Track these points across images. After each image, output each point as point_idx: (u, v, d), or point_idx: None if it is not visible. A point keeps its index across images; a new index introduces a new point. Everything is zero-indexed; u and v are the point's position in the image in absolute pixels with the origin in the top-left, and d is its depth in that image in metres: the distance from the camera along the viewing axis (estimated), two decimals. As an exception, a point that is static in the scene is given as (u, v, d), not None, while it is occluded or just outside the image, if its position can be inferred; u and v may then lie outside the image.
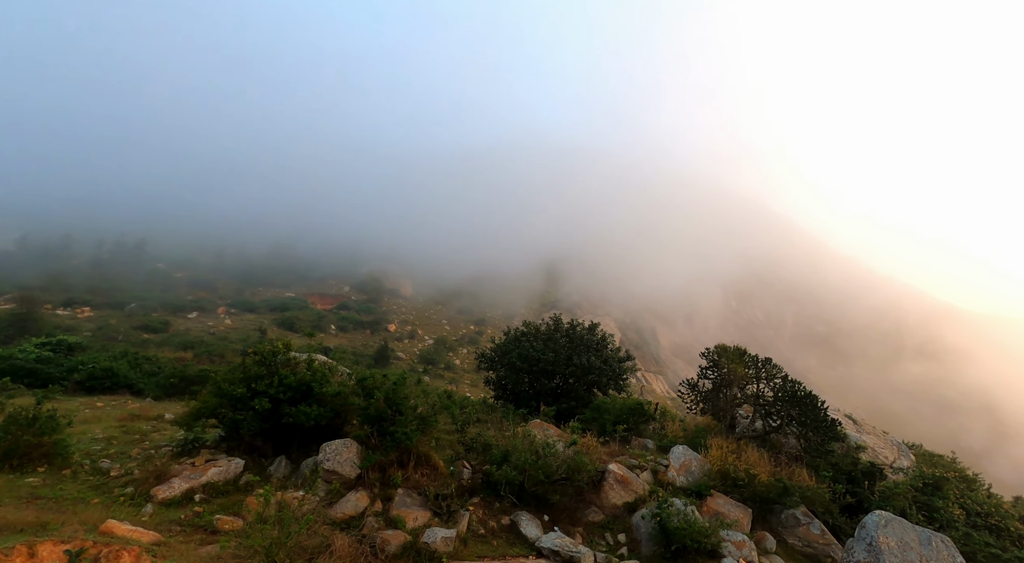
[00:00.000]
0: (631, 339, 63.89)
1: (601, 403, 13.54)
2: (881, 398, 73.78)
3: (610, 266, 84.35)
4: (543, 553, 7.80)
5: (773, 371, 12.45)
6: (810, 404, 11.51)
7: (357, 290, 69.08)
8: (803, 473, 10.76)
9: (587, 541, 8.79)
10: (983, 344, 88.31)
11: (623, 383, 15.87)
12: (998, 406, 73.12)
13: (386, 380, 9.53)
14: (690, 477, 10.62)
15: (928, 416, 69.27)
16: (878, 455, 12.75)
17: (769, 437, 12.03)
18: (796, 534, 9.79)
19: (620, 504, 9.66)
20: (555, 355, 15.07)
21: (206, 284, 61.43)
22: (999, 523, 10.30)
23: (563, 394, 15.13)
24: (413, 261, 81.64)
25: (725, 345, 13.19)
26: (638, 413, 13.13)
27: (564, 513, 9.39)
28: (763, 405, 12.21)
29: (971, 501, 10.81)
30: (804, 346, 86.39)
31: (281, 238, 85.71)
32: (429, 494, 8.21)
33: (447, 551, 7.01)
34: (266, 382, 8.87)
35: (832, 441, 11.55)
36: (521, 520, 8.50)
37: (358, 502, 7.65)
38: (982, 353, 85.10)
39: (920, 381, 78.94)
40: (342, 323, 51.87)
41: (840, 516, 10.04)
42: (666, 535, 8.27)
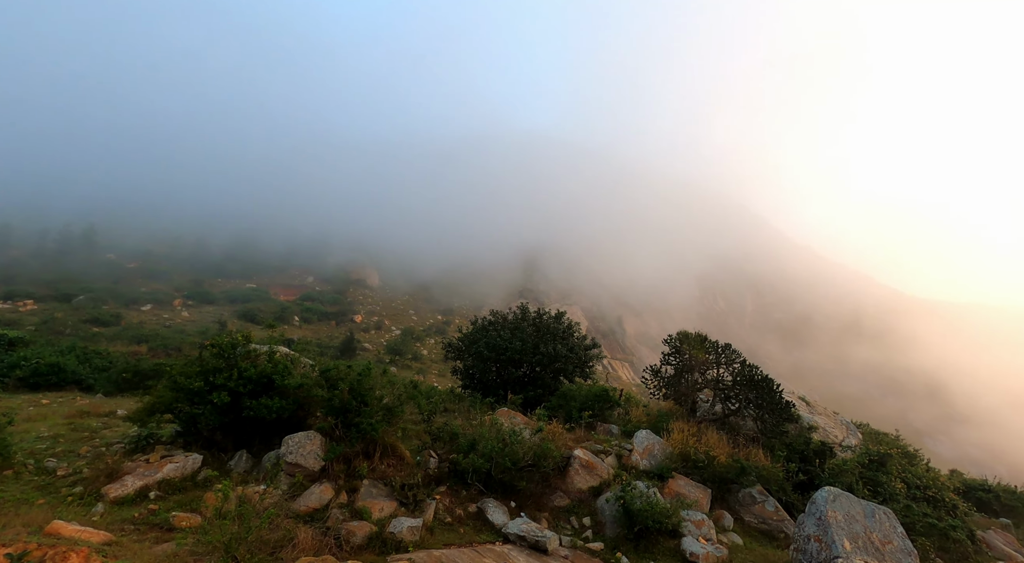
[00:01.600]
0: (598, 328, 64.84)
1: (567, 390, 13.72)
2: (834, 381, 77.33)
3: (584, 258, 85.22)
4: (510, 538, 7.90)
5: (732, 356, 12.87)
6: (766, 387, 11.97)
7: (322, 281, 67.64)
8: (759, 453, 11.21)
9: (553, 525, 8.95)
10: (928, 329, 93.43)
11: (589, 370, 16.10)
12: (941, 387, 77.69)
13: (351, 371, 9.40)
14: (653, 460, 10.91)
15: (876, 397, 73.05)
16: (829, 434, 13.39)
17: (728, 420, 12.46)
18: (752, 512, 10.20)
19: (585, 488, 9.86)
20: (522, 344, 15.15)
21: (161, 275, 58.94)
22: (936, 495, 11.02)
23: (530, 382, 15.25)
24: (382, 252, 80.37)
25: (687, 332, 13.54)
26: (603, 399, 13.38)
27: (531, 499, 9.51)
28: (722, 389, 12.62)
29: (911, 475, 11.51)
30: (763, 333, 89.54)
31: (242, 228, 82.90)
32: (395, 484, 8.18)
33: (413, 540, 7.02)
34: (225, 375, 8.62)
35: (786, 422, 12.05)
36: (488, 507, 8.57)
37: (322, 494, 7.56)
38: (927, 338, 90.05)
39: (869, 364, 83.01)
40: (306, 314, 50.76)
41: (793, 493, 10.51)
42: (629, 517, 8.48)
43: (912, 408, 72.88)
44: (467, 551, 7.13)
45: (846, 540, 7.41)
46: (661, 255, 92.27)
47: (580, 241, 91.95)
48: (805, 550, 7.69)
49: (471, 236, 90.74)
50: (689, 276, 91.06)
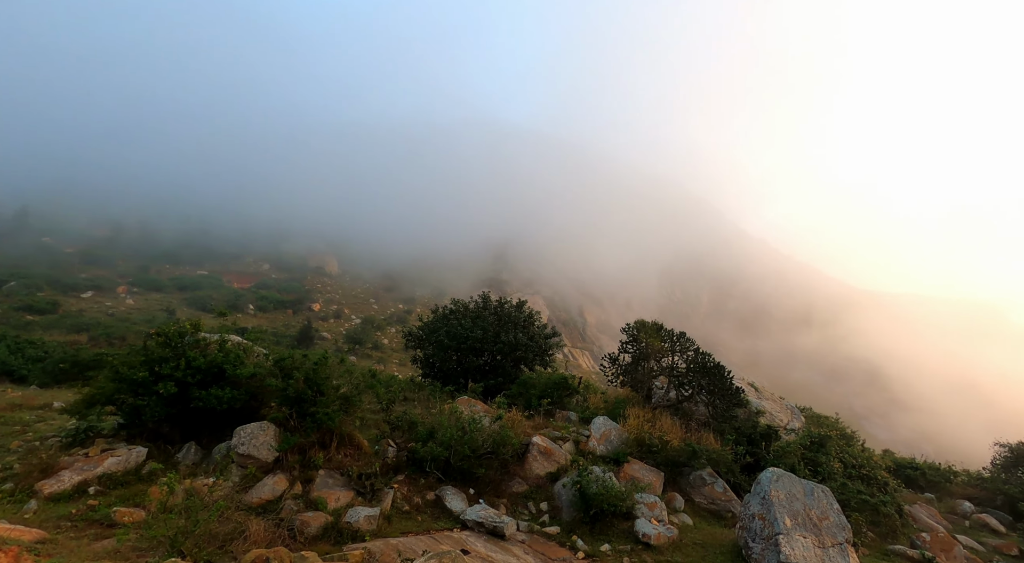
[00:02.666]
0: (559, 317, 65.57)
1: (527, 378, 13.86)
2: (783, 368, 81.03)
3: (550, 249, 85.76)
4: (468, 525, 7.97)
5: (687, 344, 13.27)
6: (718, 374, 12.42)
7: (279, 269, 65.59)
8: (710, 437, 11.65)
9: (511, 511, 9.07)
10: (870, 319, 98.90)
11: (549, 359, 16.29)
12: (879, 374, 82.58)
13: (306, 360, 9.21)
14: (609, 446, 11.18)
15: (820, 383, 77.05)
16: (775, 418, 14.05)
17: (681, 405, 12.88)
18: (702, 493, 10.63)
19: (543, 474, 10.02)
20: (483, 332, 15.17)
21: (103, 261, 55.73)
22: (869, 473, 11.76)
23: (491, 371, 15.31)
24: (345, 240, 78.51)
25: (644, 321, 13.86)
26: (562, 387, 13.58)
27: (489, 486, 9.61)
28: (677, 376, 13.02)
29: (848, 456, 12.24)
30: (719, 323, 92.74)
31: (194, 213, 79.04)
32: (352, 474, 8.10)
33: (370, 529, 6.98)
34: (172, 365, 8.28)
35: (736, 407, 12.56)
36: (446, 495, 8.60)
37: (276, 486, 7.40)
38: (868, 327, 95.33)
39: (816, 353, 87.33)
40: (261, 303, 49.20)
41: (741, 474, 10.99)
42: (585, 501, 8.68)
43: (853, 393, 77.28)
44: (424, 538, 7.15)
45: (787, 517, 7.83)
46: (626, 247, 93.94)
47: (548, 232, 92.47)
48: (750, 528, 8.09)
49: (440, 226, 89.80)
50: (652, 268, 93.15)
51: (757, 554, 7.67)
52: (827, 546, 7.72)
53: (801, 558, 7.30)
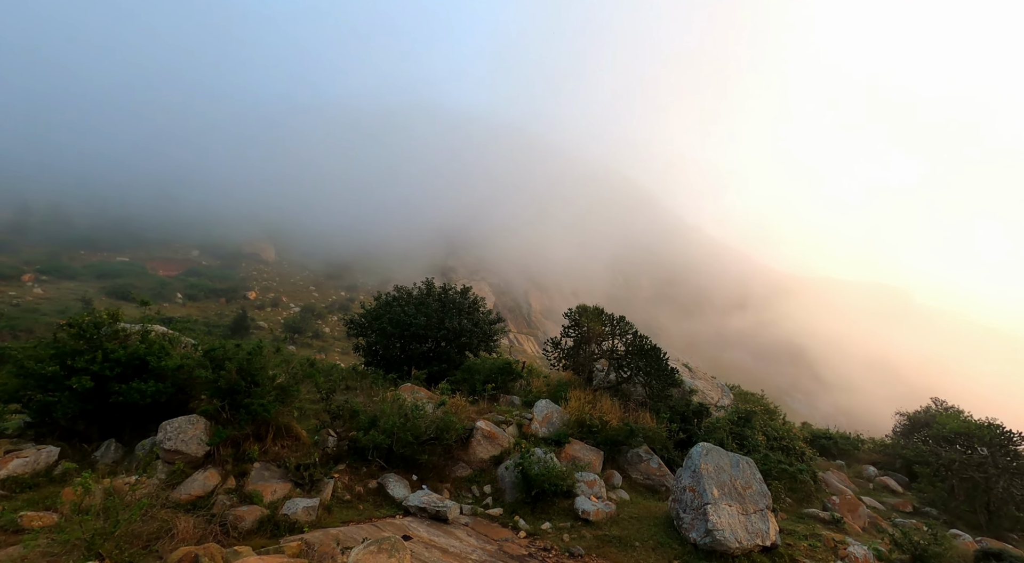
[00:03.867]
0: (505, 303, 66.00)
1: (472, 364, 13.91)
2: (717, 349, 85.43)
3: (500, 237, 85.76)
4: (410, 511, 7.97)
5: (626, 328, 13.74)
6: (655, 356, 12.96)
7: (209, 255, 61.99)
8: (647, 416, 12.19)
9: (454, 495, 9.16)
10: (795, 302, 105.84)
11: (494, 344, 16.41)
12: (802, 353, 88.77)
13: (239, 350, 8.81)
14: (551, 427, 11.47)
15: (749, 362, 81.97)
16: (706, 396, 14.87)
17: (621, 387, 13.36)
18: (639, 469, 11.13)
19: (487, 458, 10.16)
20: (427, 319, 15.06)
21: (6, 246, 50.66)
22: (789, 444, 12.73)
23: (435, 357, 15.25)
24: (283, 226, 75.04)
25: (586, 305, 14.21)
26: (507, 372, 13.74)
27: (433, 471, 9.64)
28: (616, 359, 13.47)
29: (771, 429, 13.18)
30: (659, 307, 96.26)
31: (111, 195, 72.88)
32: (290, 465, 7.88)
33: (309, 520, 6.85)
34: (87, 357, 7.71)
35: (671, 387, 13.18)
36: (389, 482, 8.56)
37: (207, 481, 7.10)
38: (793, 310, 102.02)
39: (746, 334, 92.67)
40: (191, 291, 46.42)
41: (674, 450, 11.59)
42: (527, 482, 8.89)
43: (779, 372, 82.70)
44: (366, 526, 7.10)
45: (715, 488, 8.35)
46: (576, 236, 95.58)
47: (498, 221, 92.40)
48: (681, 500, 8.57)
49: (389, 214, 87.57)
50: (600, 258, 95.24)
51: (687, 524, 8.15)
52: (750, 513, 8.30)
53: (726, 525, 7.82)
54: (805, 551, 8.61)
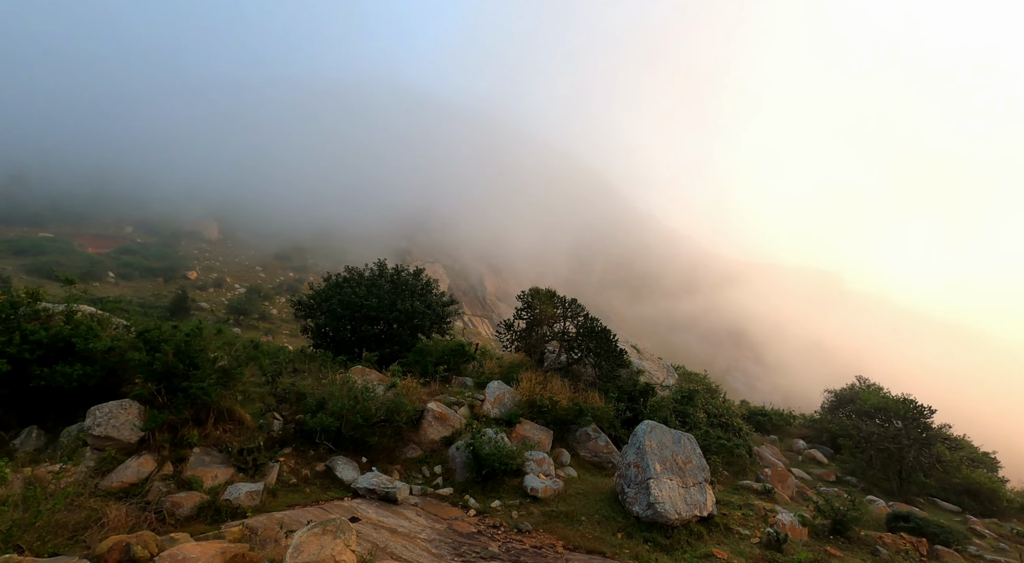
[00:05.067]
0: (459, 285, 65.66)
1: (424, 346, 13.84)
2: (665, 332, 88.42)
3: (461, 222, 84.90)
4: (359, 493, 7.93)
5: (577, 310, 14.00)
6: (604, 338, 13.29)
7: (145, 232, 58.25)
8: (595, 396, 12.53)
9: (404, 476, 9.16)
10: (740, 287, 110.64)
11: (447, 327, 16.36)
12: (743, 335, 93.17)
13: (177, 331, 8.41)
14: (503, 408, 11.61)
15: (694, 344, 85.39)
16: (653, 376, 15.43)
17: (571, 368, 13.66)
18: (587, 447, 11.47)
19: (438, 439, 10.20)
20: (379, 301, 14.81)
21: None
22: (728, 421, 13.44)
23: (386, 339, 15.07)
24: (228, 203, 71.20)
25: (538, 288, 14.36)
26: (459, 354, 13.76)
27: (383, 453, 9.59)
28: (567, 340, 13.73)
29: (712, 407, 13.85)
30: (610, 290, 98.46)
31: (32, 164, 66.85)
32: (232, 450, 7.65)
33: (252, 505, 6.70)
34: (2, 339, 7.15)
35: (620, 368, 13.58)
36: (337, 465, 8.46)
37: (141, 467, 6.80)
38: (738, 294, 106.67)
39: (692, 316, 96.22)
40: (124, 270, 43.58)
41: (621, 429, 11.99)
42: (478, 461, 9.00)
43: (722, 353, 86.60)
44: (313, 509, 7.01)
45: (657, 464, 8.72)
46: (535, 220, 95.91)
47: (459, 206, 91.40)
48: (626, 475, 8.92)
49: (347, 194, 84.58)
50: (557, 241, 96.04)
51: (631, 498, 8.50)
52: (689, 486, 8.74)
53: (667, 498, 8.21)
54: (738, 520, 9.17)
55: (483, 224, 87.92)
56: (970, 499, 13.96)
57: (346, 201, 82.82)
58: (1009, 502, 14.24)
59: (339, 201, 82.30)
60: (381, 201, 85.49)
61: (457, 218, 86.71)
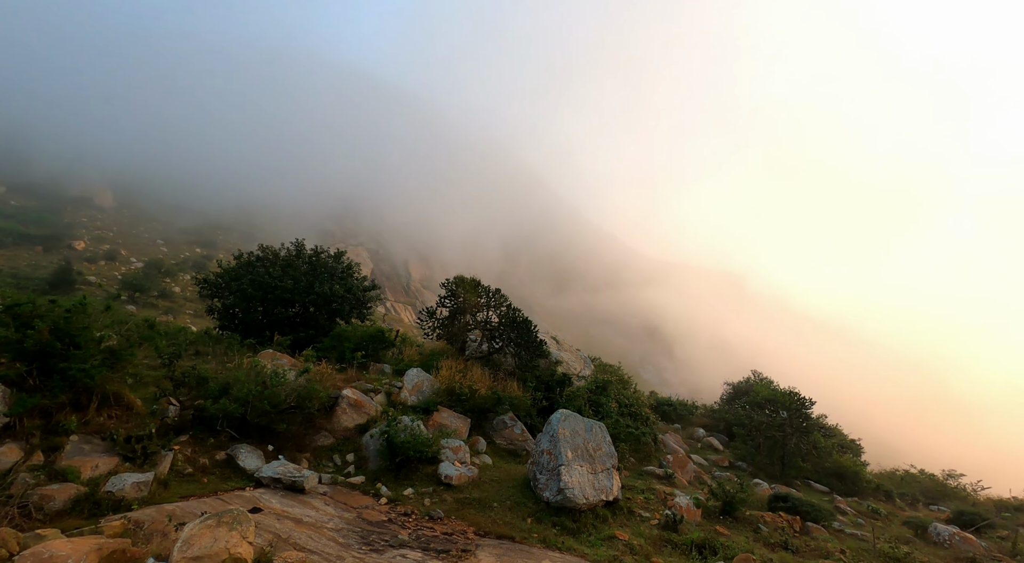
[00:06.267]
0: (383, 270, 63.99)
1: (342, 331, 13.38)
2: (585, 324, 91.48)
3: (392, 207, 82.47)
4: (263, 482, 7.56)
5: (501, 300, 14.12)
6: (526, 328, 13.53)
7: (21, 194, 51.47)
8: (514, 385, 12.75)
9: (314, 465, 8.85)
10: (655, 283, 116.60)
11: (367, 312, 15.90)
12: (656, 329, 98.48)
13: (55, 307, 7.56)
14: (421, 396, 11.52)
15: (611, 336, 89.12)
16: (570, 367, 15.94)
17: (492, 357, 13.78)
18: (503, 435, 11.66)
19: (352, 426, 9.94)
20: (294, 282, 14.10)
21: None
22: (637, 411, 14.20)
23: (302, 323, 14.40)
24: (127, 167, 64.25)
25: (463, 276, 14.32)
26: (379, 340, 13.44)
27: (292, 441, 9.21)
28: (489, 330, 13.83)
29: (623, 397, 14.56)
30: (534, 281, 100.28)
31: None
32: (118, 438, 7.02)
33: (139, 497, 6.19)
34: None
35: (539, 358, 13.89)
36: (240, 453, 8.01)
37: (3, 457, 6.06)
38: (654, 292, 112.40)
39: (610, 310, 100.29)
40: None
41: (537, 417, 12.30)
42: (392, 449, 8.87)
43: (636, 346, 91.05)
44: (210, 500, 6.60)
45: (569, 451, 9.04)
46: (467, 209, 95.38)
47: (387, 189, 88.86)
48: (539, 462, 9.17)
49: (268, 171, 79.15)
50: (488, 232, 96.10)
51: (542, 484, 8.75)
52: (598, 471, 9.14)
53: (576, 484, 8.54)
54: (641, 503, 9.74)
55: (414, 211, 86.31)
56: (837, 481, 15.73)
57: (270, 179, 78.09)
58: (868, 483, 16.21)
59: (262, 178, 77.44)
60: (308, 181, 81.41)
61: (387, 204, 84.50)
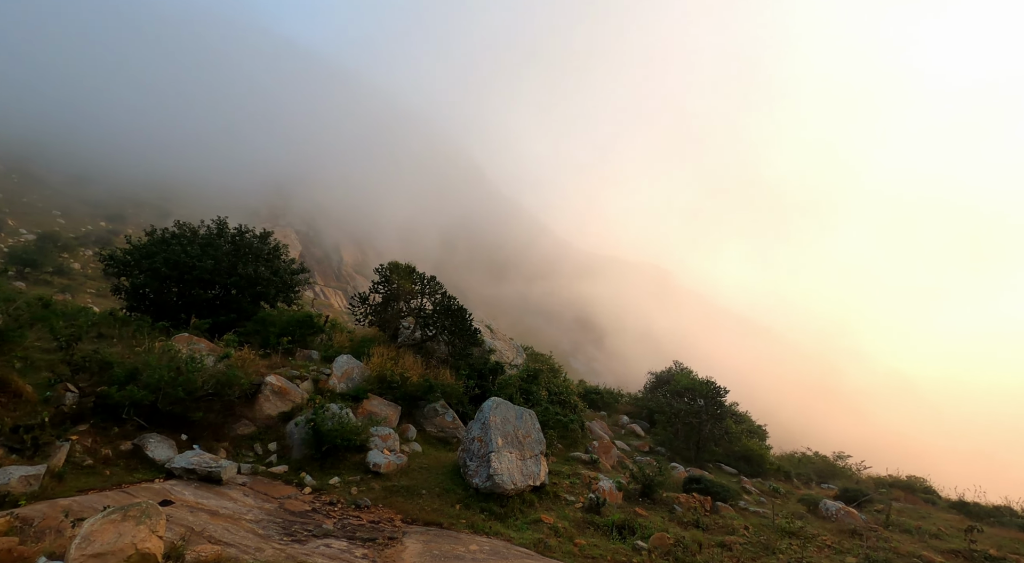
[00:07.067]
0: (314, 254, 61.40)
1: (266, 316, 12.78)
2: (520, 313, 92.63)
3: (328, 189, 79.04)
4: (176, 474, 7.14)
5: (436, 287, 14.01)
6: (460, 316, 13.51)
7: None
8: (447, 373, 12.73)
9: (233, 455, 8.46)
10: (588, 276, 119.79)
11: (295, 296, 15.25)
12: (586, 320, 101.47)
13: (-75, 281, 6.69)
14: (351, 383, 11.25)
15: (543, 326, 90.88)
16: (504, 355, 16.14)
17: (425, 344, 13.67)
18: (434, 423, 11.64)
19: (275, 414, 9.56)
20: (215, 263, 13.25)
21: None
22: (566, 399, 14.64)
23: (223, 306, 13.57)
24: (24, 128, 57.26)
25: (397, 262, 14.05)
26: (306, 325, 12.96)
27: (209, 430, 8.74)
28: (423, 317, 13.70)
29: (553, 385, 14.96)
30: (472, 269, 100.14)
31: None
32: (3, 427, 6.37)
33: (29, 492, 5.66)
34: None
35: (473, 346, 13.94)
36: (148, 443, 7.50)
37: None
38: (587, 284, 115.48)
39: (543, 300, 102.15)
40: None
41: (469, 405, 12.37)
42: (319, 437, 8.63)
43: (568, 336, 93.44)
44: (112, 494, 6.14)
45: (499, 438, 9.18)
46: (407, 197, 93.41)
47: (324, 171, 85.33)
48: (470, 449, 9.25)
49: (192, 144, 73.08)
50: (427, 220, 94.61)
51: (472, 470, 8.85)
52: (527, 458, 9.36)
53: (505, 470, 8.71)
54: (566, 488, 10.09)
55: (351, 195, 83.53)
56: (745, 463, 17.04)
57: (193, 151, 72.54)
58: (771, 465, 17.68)
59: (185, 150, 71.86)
60: (236, 157, 76.48)
61: (322, 186, 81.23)
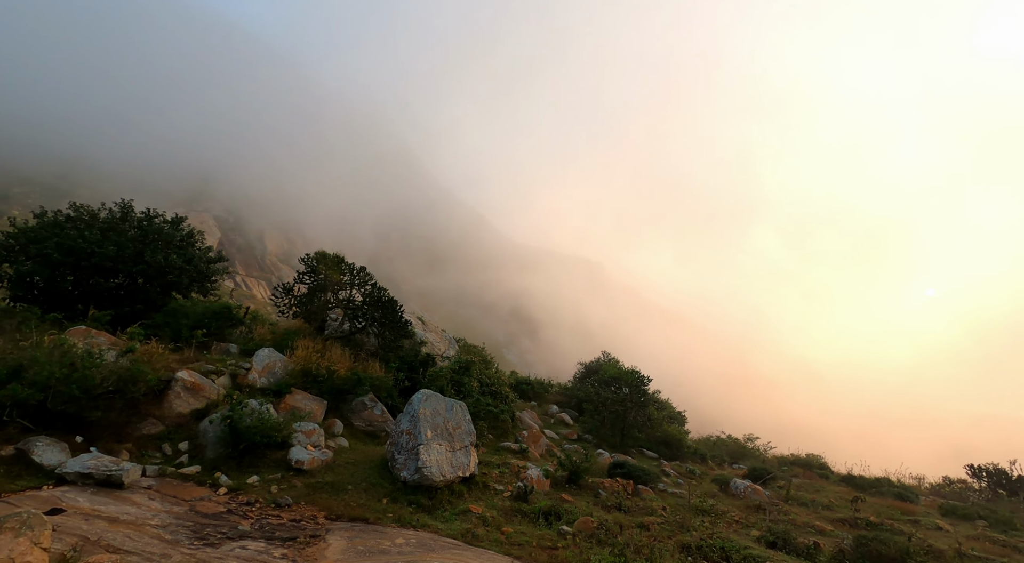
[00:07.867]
0: (234, 241, 57.81)
1: (178, 307, 11.90)
2: (453, 305, 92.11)
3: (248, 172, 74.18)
4: (68, 479, 6.54)
5: (366, 278, 13.63)
6: (391, 308, 13.25)
7: None
8: (376, 366, 12.46)
9: (137, 456, 7.87)
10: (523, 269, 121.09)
11: (212, 286, 14.31)
12: (520, 311, 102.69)
13: None
14: (273, 377, 10.76)
15: (478, 317, 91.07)
16: (435, 347, 15.99)
17: (354, 337, 13.30)
18: (362, 417, 11.38)
19: (187, 412, 8.98)
20: (118, 249, 12.16)
21: None
22: (497, 390, 14.76)
23: (128, 296, 12.50)
24: None
25: (325, 252, 13.53)
26: (224, 317, 12.22)
27: (109, 430, 8.07)
28: (352, 308, 13.30)
29: (485, 377, 15.03)
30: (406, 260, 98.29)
31: None
32: None
33: None
34: None
35: (403, 338, 13.71)
36: (35, 447, 6.81)
37: None
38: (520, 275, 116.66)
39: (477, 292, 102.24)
40: None
41: (399, 398, 12.17)
42: (236, 435, 8.20)
43: (502, 328, 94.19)
44: (-9, 504, 5.53)
45: (429, 430, 9.13)
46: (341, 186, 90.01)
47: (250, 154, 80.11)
48: (398, 443, 9.13)
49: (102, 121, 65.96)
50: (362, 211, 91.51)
51: (400, 464, 8.75)
52: (456, 449, 9.37)
53: (434, 462, 8.68)
54: (496, 477, 10.22)
55: (278, 181, 79.30)
56: (665, 448, 17.99)
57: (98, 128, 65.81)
58: (688, 448, 18.78)
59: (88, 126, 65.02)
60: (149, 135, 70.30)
61: (247, 170, 76.67)
